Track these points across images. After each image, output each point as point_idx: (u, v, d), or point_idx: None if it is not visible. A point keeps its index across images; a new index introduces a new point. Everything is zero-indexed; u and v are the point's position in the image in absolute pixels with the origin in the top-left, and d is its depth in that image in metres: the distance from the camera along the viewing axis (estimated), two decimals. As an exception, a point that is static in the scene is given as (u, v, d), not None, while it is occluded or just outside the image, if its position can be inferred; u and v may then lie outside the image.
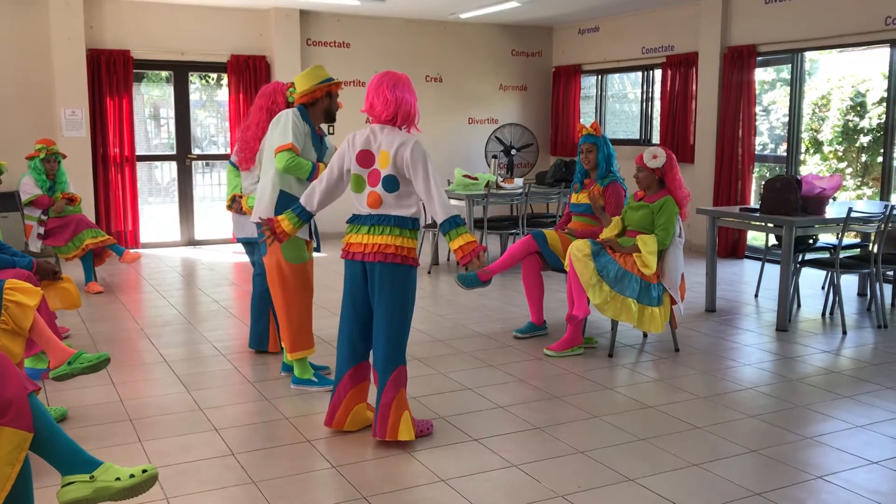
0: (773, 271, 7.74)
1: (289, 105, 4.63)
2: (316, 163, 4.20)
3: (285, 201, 4.16)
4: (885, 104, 7.50)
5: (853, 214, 5.64)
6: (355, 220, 3.50)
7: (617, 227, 5.09)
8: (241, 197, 4.95)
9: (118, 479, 2.53)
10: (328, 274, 7.60)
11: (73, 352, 3.58)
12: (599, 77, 10.76)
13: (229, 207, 5.04)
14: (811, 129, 10.16)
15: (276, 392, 4.33)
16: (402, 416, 3.48)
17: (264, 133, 4.52)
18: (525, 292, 5.52)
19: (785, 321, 5.74)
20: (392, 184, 3.40)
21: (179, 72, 9.41)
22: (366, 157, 3.44)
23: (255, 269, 4.98)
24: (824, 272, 7.32)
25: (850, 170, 9.98)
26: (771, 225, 5.84)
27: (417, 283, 3.58)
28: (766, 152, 9.00)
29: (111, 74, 8.85)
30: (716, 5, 8.64)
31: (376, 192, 3.41)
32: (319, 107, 4.24)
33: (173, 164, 9.65)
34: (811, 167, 10.04)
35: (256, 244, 4.94)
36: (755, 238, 9.16)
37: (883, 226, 5.75)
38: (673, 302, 4.99)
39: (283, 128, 4.12)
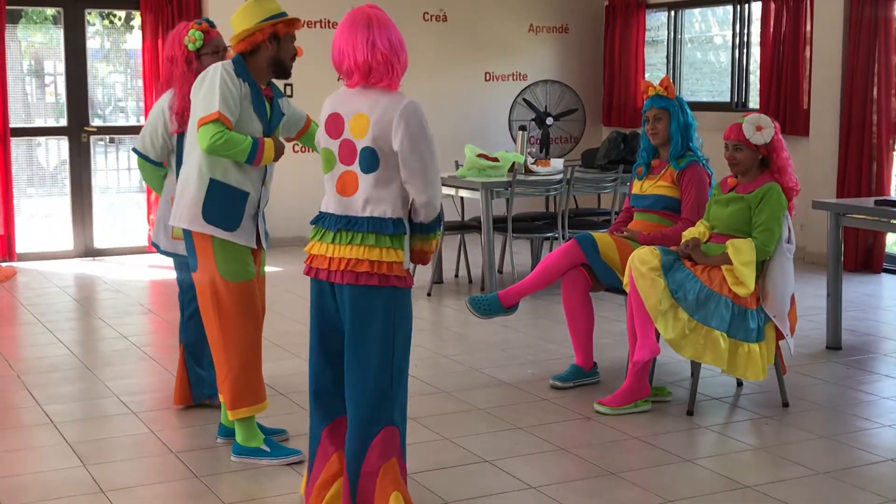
0: (923, 291, 7.75)
1: (192, 60, 4.63)
2: (258, 138, 4.15)
3: (221, 195, 4.15)
4: None
5: None
6: (319, 221, 3.54)
7: (699, 229, 5.10)
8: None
9: None
10: (284, 296, 7.60)
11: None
12: (672, 13, 10.76)
13: None
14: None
15: (210, 466, 4.33)
16: (392, 496, 3.46)
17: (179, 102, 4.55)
18: (567, 322, 5.53)
19: (941, 363, 5.74)
20: (370, 161, 3.42)
21: (72, 7, 9.45)
22: (335, 123, 3.49)
23: (183, 294, 4.98)
24: None
25: None
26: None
27: (413, 310, 3.58)
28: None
29: (-26, 13, 8.91)
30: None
31: (351, 172, 3.45)
32: (263, 56, 4.17)
33: (63, 141, 9.67)
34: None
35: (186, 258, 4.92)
36: (898, 244, 9.14)
37: None
38: (780, 336, 4.99)
39: (207, 91, 4.08)
